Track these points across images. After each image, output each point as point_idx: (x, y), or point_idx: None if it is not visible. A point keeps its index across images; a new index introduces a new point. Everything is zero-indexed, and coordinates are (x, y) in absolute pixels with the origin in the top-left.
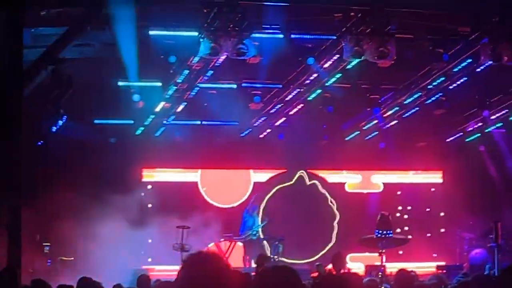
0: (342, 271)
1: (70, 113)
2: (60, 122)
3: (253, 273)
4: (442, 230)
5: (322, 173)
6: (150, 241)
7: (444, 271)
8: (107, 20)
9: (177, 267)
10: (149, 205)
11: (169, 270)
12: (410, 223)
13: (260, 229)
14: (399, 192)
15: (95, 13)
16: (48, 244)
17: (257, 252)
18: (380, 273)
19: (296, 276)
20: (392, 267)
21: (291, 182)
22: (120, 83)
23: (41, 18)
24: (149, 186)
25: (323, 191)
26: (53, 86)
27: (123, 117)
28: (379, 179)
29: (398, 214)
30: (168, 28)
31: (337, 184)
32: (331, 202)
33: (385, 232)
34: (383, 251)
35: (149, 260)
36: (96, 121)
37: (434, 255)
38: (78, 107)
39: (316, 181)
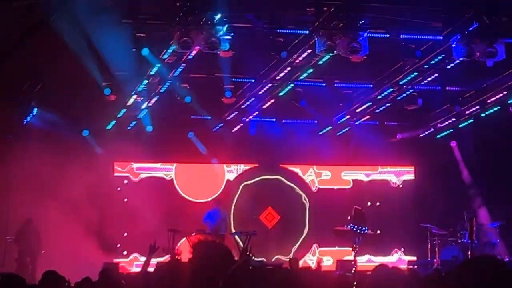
0: None
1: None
2: (31, 114)
3: None
4: (413, 226)
5: (293, 168)
6: (125, 234)
7: (415, 266)
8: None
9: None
10: (125, 199)
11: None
12: (380, 219)
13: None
14: (369, 188)
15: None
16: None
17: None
18: (353, 269)
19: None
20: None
21: (256, 179)
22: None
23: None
24: (125, 181)
25: (290, 184)
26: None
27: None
28: (349, 175)
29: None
30: (140, 20)
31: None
32: (298, 194)
33: (360, 227)
34: (357, 246)
35: (125, 253)
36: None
37: (402, 250)
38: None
39: (279, 176)
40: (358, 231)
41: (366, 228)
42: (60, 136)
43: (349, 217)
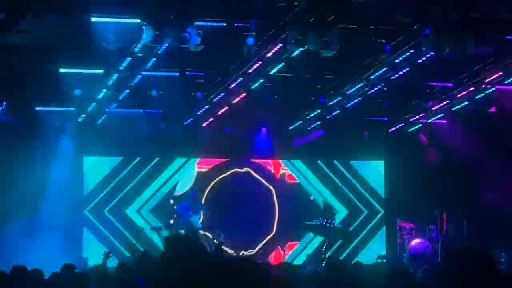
0: None
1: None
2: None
3: None
4: (383, 220)
5: (263, 162)
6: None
7: (385, 260)
8: (48, 6)
9: None
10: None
11: None
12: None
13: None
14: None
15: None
16: None
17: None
18: (324, 263)
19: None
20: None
21: (229, 173)
22: (61, 70)
23: None
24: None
25: (260, 179)
26: None
27: (65, 104)
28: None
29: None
30: (110, 15)
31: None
32: (269, 190)
33: (329, 221)
34: (327, 240)
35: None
36: (38, 108)
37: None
38: (19, 94)
39: (250, 169)
40: (328, 224)
41: (334, 221)
42: (28, 130)
43: None
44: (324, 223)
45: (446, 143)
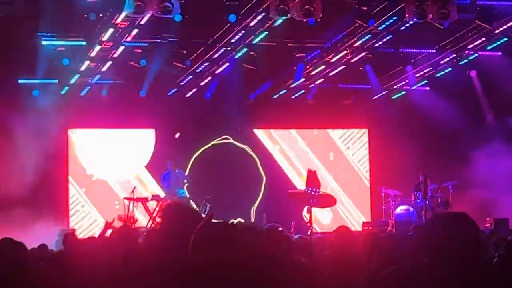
0: None
1: None
2: None
3: None
4: (368, 187)
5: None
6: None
7: (370, 227)
8: None
9: None
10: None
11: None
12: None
13: (185, 189)
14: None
15: None
16: None
17: None
18: (309, 231)
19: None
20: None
21: (218, 142)
22: (44, 42)
23: None
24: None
25: (252, 153)
26: None
27: (48, 76)
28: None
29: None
30: None
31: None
32: (256, 162)
33: (313, 189)
34: (312, 208)
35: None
36: (20, 81)
37: (360, 213)
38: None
39: (245, 146)
40: (312, 193)
41: (319, 190)
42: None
43: None
44: (307, 191)
45: (429, 109)
